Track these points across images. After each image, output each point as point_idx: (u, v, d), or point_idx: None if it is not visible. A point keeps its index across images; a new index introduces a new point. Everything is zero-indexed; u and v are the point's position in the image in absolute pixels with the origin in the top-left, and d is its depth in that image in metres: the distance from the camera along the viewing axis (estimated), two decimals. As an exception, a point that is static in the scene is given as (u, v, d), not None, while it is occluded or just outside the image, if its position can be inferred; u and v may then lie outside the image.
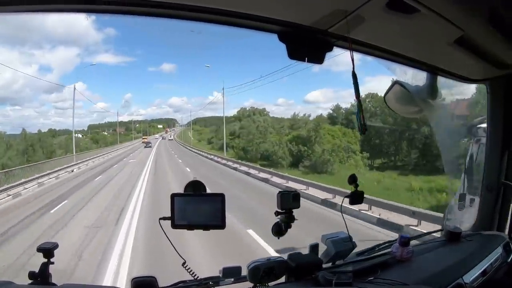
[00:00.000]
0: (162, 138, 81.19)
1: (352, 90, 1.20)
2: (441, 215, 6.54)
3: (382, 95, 1.66)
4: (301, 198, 1.29)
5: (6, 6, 0.95)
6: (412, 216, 7.75)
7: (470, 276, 1.38)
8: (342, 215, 1.44)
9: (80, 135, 70.66)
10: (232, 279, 1.26)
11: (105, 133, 79.69)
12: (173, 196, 1.08)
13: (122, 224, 8.53)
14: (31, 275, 1.17)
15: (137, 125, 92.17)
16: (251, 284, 1.21)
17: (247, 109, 44.67)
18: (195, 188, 1.10)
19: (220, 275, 1.25)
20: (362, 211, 8.47)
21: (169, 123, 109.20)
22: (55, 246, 1.20)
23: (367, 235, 7.10)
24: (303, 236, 2.59)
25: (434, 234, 1.86)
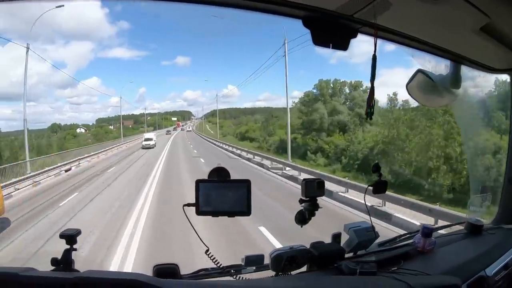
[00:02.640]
0: (181, 129, 79.06)
1: (368, 83, 1.19)
2: (460, 213, 6.34)
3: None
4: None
5: None
6: (428, 214, 7.44)
7: (493, 269, 1.36)
8: (366, 205, 1.42)
9: (83, 130, 68.32)
10: (254, 268, 1.26)
11: (111, 127, 75.45)
12: (198, 182, 1.07)
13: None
14: (54, 261, 1.18)
15: (149, 118, 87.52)
16: (273, 273, 1.21)
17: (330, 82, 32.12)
18: (219, 174, 1.10)
19: (243, 263, 1.25)
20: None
21: (184, 115, 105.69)
22: (78, 232, 1.21)
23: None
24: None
25: (455, 226, 1.83)
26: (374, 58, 1.16)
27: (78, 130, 68.28)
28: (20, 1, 1.01)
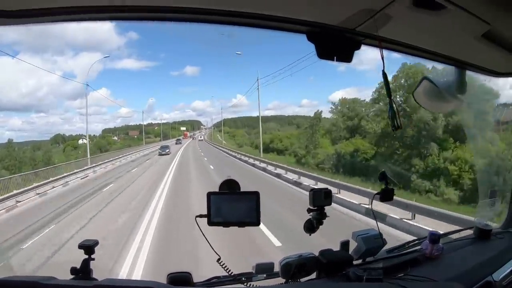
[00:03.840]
0: (192, 139, 77.09)
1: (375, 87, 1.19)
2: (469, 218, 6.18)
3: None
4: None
5: (30, 18, 0.97)
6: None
7: (500, 274, 1.36)
8: (373, 212, 1.45)
9: (85, 141, 65.61)
10: (265, 275, 1.30)
11: (115, 138, 73.73)
12: (209, 194, 1.12)
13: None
14: (73, 270, 1.24)
15: (156, 127, 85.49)
16: (283, 280, 1.24)
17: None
18: (230, 186, 1.14)
19: (253, 271, 1.29)
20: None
21: (194, 125, 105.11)
22: (96, 243, 1.27)
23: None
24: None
25: (464, 231, 1.83)
26: (384, 75, 1.19)
27: (80, 141, 65.28)
28: (42, 24, 1.06)
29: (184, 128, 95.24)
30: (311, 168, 22.36)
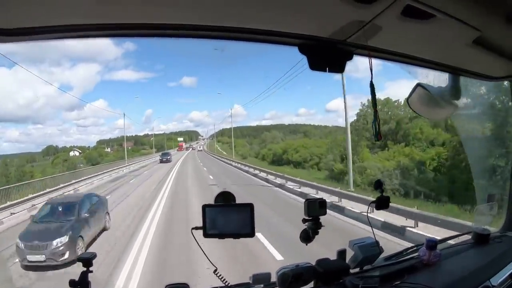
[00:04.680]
0: (192, 149, 73.79)
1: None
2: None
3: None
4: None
5: (30, 36, 0.98)
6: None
7: (498, 279, 1.37)
8: (369, 221, 1.45)
9: (77, 153, 62.80)
10: (262, 286, 1.30)
11: (107, 150, 69.75)
12: (204, 207, 1.13)
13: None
14: (72, 283, 1.25)
15: (152, 138, 78.71)
16: None
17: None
18: (225, 198, 1.15)
19: (250, 282, 1.30)
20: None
21: (191, 135, 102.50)
22: (94, 256, 1.29)
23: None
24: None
25: (462, 236, 1.83)
26: (371, 86, 1.20)
27: (71, 153, 62.82)
28: (41, 41, 1.08)
29: (181, 139, 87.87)
30: (362, 189, 16.32)
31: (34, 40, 1.04)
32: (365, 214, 1.62)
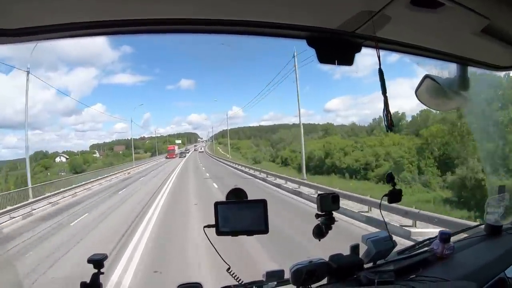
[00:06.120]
0: (194, 150, 71.07)
1: (371, 96, 1.16)
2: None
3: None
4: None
5: (29, 36, 0.97)
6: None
7: None
8: (382, 214, 1.43)
9: (64, 159, 58.37)
10: (275, 283, 1.29)
11: (96, 155, 65.42)
12: (217, 204, 1.11)
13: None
14: (83, 285, 1.24)
15: (147, 141, 74.57)
16: (294, 287, 1.23)
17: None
18: (236, 195, 1.14)
19: (264, 279, 1.28)
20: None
21: (190, 138, 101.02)
22: (105, 257, 1.27)
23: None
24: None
25: (474, 229, 1.81)
26: (380, 72, 1.18)
27: (57, 159, 58.36)
28: (41, 41, 1.07)
29: (179, 141, 79.03)
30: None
31: (34, 40, 1.03)
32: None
